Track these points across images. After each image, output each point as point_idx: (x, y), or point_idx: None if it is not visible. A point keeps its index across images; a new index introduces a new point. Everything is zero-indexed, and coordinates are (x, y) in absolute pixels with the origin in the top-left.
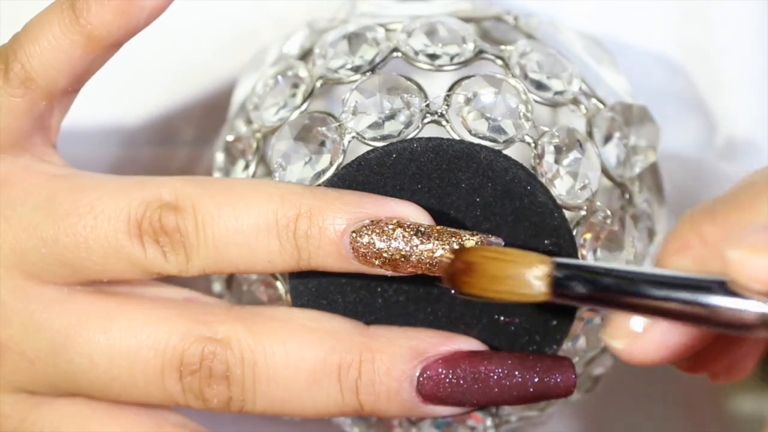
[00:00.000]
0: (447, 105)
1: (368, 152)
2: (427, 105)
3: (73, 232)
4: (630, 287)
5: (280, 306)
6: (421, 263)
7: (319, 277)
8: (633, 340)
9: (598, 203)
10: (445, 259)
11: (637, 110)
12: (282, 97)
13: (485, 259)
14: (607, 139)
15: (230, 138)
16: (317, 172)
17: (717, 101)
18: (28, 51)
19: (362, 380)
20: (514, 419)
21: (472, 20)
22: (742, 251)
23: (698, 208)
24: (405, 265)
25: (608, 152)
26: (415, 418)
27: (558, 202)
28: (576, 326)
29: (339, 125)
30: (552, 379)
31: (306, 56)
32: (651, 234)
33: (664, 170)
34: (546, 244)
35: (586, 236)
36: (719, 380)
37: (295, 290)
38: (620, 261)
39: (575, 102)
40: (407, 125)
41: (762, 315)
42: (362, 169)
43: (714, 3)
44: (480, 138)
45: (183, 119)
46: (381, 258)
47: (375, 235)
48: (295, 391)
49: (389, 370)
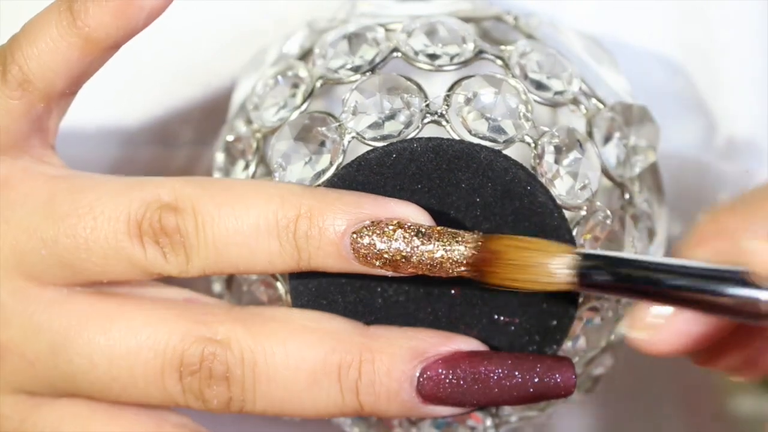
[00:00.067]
0: (447, 105)
1: (368, 152)
2: (427, 105)
3: (73, 234)
4: (650, 276)
5: (280, 306)
6: (422, 264)
7: (319, 277)
8: (654, 331)
9: (598, 203)
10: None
11: (637, 110)
12: (282, 97)
13: (510, 248)
14: (607, 139)
15: (230, 138)
16: (317, 172)
17: (717, 101)
18: (26, 53)
19: (362, 381)
20: (514, 419)
21: (472, 20)
22: (761, 242)
23: (720, 204)
24: (406, 266)
25: (608, 152)
26: (415, 418)
27: (558, 202)
28: (576, 326)
29: (339, 125)
30: (552, 380)
31: (306, 56)
32: (651, 234)
33: (664, 170)
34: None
35: (586, 236)
36: (738, 376)
37: (295, 290)
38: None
39: (575, 102)
40: (407, 125)
41: None
42: (362, 169)
43: (714, 3)
44: (480, 138)
45: (183, 119)
46: (382, 259)
47: (375, 236)
48: (295, 392)
49: (389, 371)
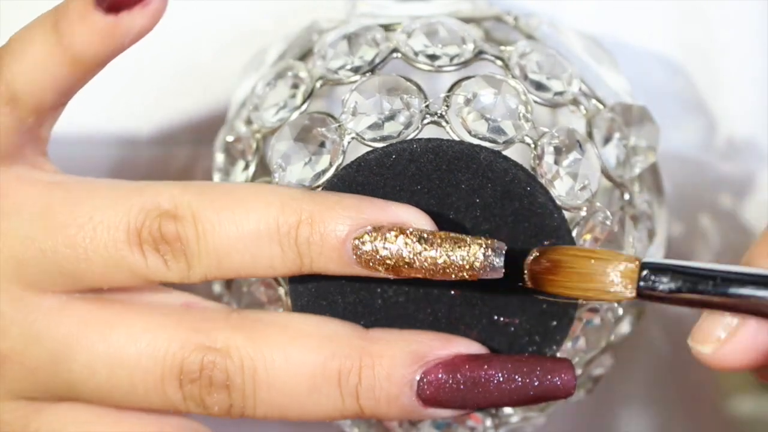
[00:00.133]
0: (447, 106)
1: (368, 153)
2: (427, 106)
3: (72, 244)
4: (715, 284)
5: (280, 308)
6: (425, 270)
7: (319, 278)
8: (720, 345)
9: (598, 204)
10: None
11: (637, 111)
12: (282, 98)
13: (571, 258)
14: (607, 140)
15: (230, 138)
16: (317, 173)
17: (717, 101)
18: (13, 70)
19: (362, 385)
20: (514, 420)
21: (472, 21)
22: None
23: None
24: (408, 271)
25: (608, 153)
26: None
27: (558, 203)
28: (576, 327)
29: (339, 126)
30: (552, 382)
31: (306, 56)
32: (651, 234)
33: (664, 170)
34: (546, 245)
35: (586, 237)
36: None
37: (295, 291)
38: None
39: (575, 103)
40: (407, 126)
41: None
42: (362, 170)
43: (714, 3)
44: (480, 139)
45: (183, 119)
46: (384, 264)
47: (378, 243)
48: (296, 397)
49: (389, 375)
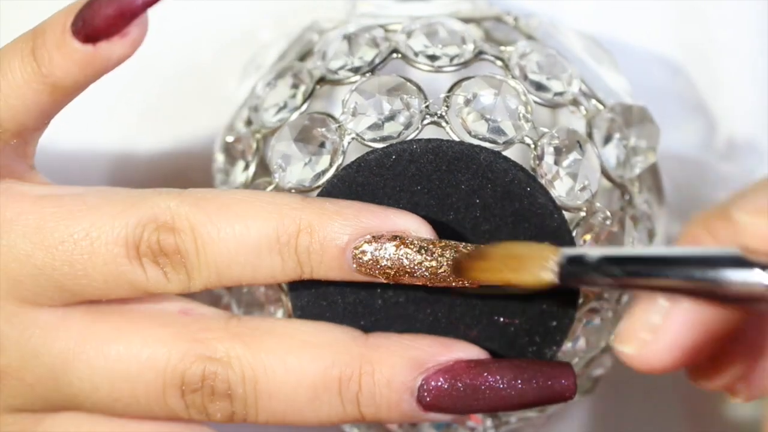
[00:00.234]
0: (447, 106)
1: (368, 153)
2: (427, 106)
3: (70, 260)
4: (640, 265)
5: (279, 308)
6: (425, 278)
7: (319, 280)
8: (644, 345)
9: (598, 204)
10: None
11: (637, 111)
12: (282, 98)
13: (496, 247)
14: (607, 140)
15: (230, 139)
16: (317, 173)
17: (717, 101)
18: None
19: (363, 393)
20: (514, 420)
21: (472, 21)
22: (750, 215)
23: (710, 208)
24: (409, 279)
25: (608, 153)
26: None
27: (558, 204)
28: (576, 327)
29: (339, 126)
30: (553, 386)
31: (306, 56)
32: (651, 235)
33: (664, 170)
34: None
35: (586, 237)
36: (739, 396)
37: (295, 291)
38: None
39: (575, 103)
40: (407, 126)
41: None
42: (362, 171)
43: (713, 3)
44: (480, 139)
45: (183, 119)
46: (385, 273)
47: (378, 252)
48: (297, 405)
49: (389, 382)
